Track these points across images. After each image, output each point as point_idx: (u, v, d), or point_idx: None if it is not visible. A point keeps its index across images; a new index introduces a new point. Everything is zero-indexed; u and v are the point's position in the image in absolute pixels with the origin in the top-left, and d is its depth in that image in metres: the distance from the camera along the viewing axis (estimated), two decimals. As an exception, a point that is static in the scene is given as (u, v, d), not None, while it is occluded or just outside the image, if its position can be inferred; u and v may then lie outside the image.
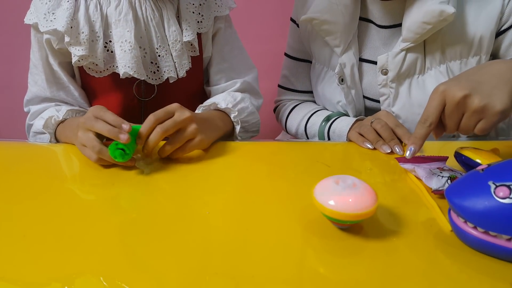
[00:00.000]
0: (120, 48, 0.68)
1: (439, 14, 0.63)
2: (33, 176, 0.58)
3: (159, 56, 0.71)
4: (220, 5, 0.76)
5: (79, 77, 0.75)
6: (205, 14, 0.74)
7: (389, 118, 0.68)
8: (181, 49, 0.71)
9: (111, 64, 0.70)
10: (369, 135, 0.65)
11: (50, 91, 0.73)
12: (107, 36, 0.69)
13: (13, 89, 1.21)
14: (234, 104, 0.73)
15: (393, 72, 0.71)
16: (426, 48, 0.69)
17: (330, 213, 0.44)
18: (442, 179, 0.51)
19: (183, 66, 0.72)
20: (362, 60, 0.76)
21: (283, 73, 0.90)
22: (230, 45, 0.80)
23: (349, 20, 0.71)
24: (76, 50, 0.67)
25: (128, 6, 0.68)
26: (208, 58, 0.79)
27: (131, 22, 0.68)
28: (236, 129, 0.73)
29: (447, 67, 0.70)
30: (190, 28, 0.71)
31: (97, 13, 0.67)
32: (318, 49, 0.79)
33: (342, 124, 0.74)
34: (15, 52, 1.16)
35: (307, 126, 0.82)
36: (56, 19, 0.66)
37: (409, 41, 0.68)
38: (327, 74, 0.80)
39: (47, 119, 0.69)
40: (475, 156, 0.54)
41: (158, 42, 0.70)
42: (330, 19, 0.71)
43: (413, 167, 0.55)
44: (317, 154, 0.68)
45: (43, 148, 0.70)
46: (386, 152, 0.64)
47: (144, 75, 0.70)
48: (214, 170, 0.60)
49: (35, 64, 0.73)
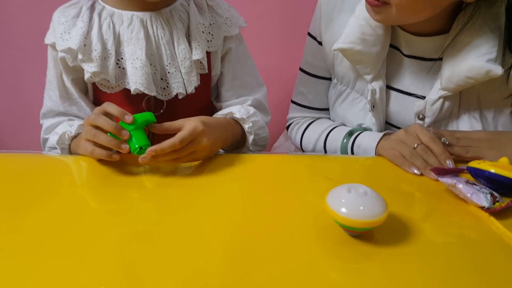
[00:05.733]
0: (132, 65, 0.73)
1: (485, 74, 0.66)
2: (44, 187, 0.62)
3: (169, 73, 0.76)
4: (230, 25, 0.80)
5: (91, 92, 0.81)
6: (215, 33, 0.78)
7: (423, 132, 0.69)
8: (190, 67, 0.76)
9: (122, 80, 0.75)
10: (416, 161, 0.67)
11: (63, 106, 0.80)
12: (119, 54, 0.74)
13: (22, 101, 1.29)
14: (248, 116, 0.78)
15: (430, 118, 0.75)
16: (462, 96, 0.73)
17: (342, 220, 0.46)
18: (488, 196, 0.54)
19: (191, 82, 0.77)
20: (388, 87, 0.80)
21: (299, 89, 0.93)
22: (241, 63, 0.85)
23: (381, 49, 0.76)
24: (89, 67, 0.72)
25: (140, 25, 0.73)
26: (217, 76, 0.84)
27: (143, 40, 0.73)
28: (249, 139, 0.77)
29: (481, 113, 0.74)
30: (200, 47, 0.76)
31: (109, 31, 0.73)
32: (343, 70, 0.83)
33: (368, 138, 0.77)
34: (25, 66, 1.25)
35: (327, 141, 0.85)
36: (71, 38, 0.73)
37: (449, 91, 0.71)
38: (349, 96, 0.84)
39: (61, 135, 0.75)
40: (507, 173, 0.56)
41: (168, 60, 0.75)
42: (363, 50, 0.75)
43: (454, 182, 0.57)
44: (343, 167, 0.71)
45: (55, 160, 0.75)
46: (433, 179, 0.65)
47: (154, 91, 0.75)
48: (221, 182, 0.64)
49: (50, 81, 0.80)
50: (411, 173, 0.66)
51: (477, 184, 0.57)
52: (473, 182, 0.58)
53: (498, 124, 0.74)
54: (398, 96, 0.79)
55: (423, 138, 0.67)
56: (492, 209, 0.53)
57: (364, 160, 0.74)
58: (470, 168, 0.59)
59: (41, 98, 0.82)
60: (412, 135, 0.69)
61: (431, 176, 0.64)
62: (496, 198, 0.54)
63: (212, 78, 0.84)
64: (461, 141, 0.68)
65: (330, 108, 0.90)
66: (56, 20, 0.75)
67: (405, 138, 0.69)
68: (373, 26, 0.73)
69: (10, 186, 0.62)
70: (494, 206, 0.53)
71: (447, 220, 0.54)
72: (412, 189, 0.63)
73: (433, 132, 0.68)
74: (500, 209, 0.53)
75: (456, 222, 0.54)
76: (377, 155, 0.74)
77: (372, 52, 0.75)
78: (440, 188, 0.61)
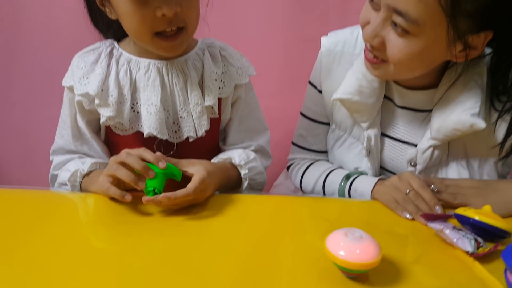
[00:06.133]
0: (147, 110, 0.77)
1: (470, 127, 0.73)
2: (52, 224, 0.66)
3: (181, 117, 0.80)
4: (240, 74, 0.86)
5: (103, 133, 0.86)
6: (227, 81, 0.83)
7: (414, 179, 0.75)
8: (201, 111, 0.80)
9: (136, 123, 0.80)
10: (408, 206, 0.72)
11: (75, 145, 0.84)
12: (134, 99, 0.79)
13: (27, 137, 1.33)
14: (246, 162, 0.82)
15: (422, 165, 0.81)
16: (450, 145, 0.80)
17: (341, 263, 0.52)
18: (472, 242, 0.59)
19: (202, 126, 0.81)
20: (383, 134, 0.87)
21: (299, 132, 1.00)
22: (249, 109, 0.90)
23: (376, 100, 0.83)
24: (105, 111, 0.77)
25: (156, 73, 0.78)
26: (226, 120, 0.89)
27: (158, 87, 0.77)
28: (243, 184, 0.82)
29: (467, 162, 0.81)
30: (212, 94, 0.80)
31: (126, 77, 0.78)
32: (341, 117, 0.90)
33: (364, 182, 0.83)
34: (32, 102, 1.30)
35: (325, 183, 0.90)
36: (89, 83, 0.77)
37: (438, 141, 0.78)
38: (347, 141, 0.91)
39: (73, 172, 0.78)
40: (490, 220, 0.61)
41: (181, 105, 0.80)
42: (360, 101, 0.82)
43: (442, 228, 0.63)
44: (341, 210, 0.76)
45: (64, 197, 0.79)
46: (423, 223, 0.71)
47: (166, 134, 0.80)
48: (223, 222, 0.68)
49: (63, 120, 0.85)
50: (404, 217, 0.72)
51: (463, 229, 0.63)
52: (459, 228, 0.63)
53: (483, 172, 0.80)
54: (392, 144, 0.86)
55: (414, 184, 0.73)
56: (476, 254, 0.59)
57: (361, 203, 0.80)
58: (456, 214, 0.64)
59: (46, 133, 0.86)
60: (405, 181, 0.75)
61: (421, 221, 0.69)
62: (480, 244, 0.59)
63: (222, 122, 0.88)
64: (449, 189, 0.74)
65: (329, 151, 0.96)
66: (75, 65, 0.79)
67: (398, 184, 0.75)
68: (369, 79, 0.81)
69: (17, 222, 0.65)
70: (478, 251, 0.59)
71: (436, 264, 0.59)
72: (405, 232, 0.68)
73: (423, 180, 0.74)
74: (484, 254, 0.59)
75: (444, 265, 0.59)
76: (373, 199, 0.79)
77: (368, 103, 0.82)
78: (431, 232, 0.66)
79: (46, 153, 0.87)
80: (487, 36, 0.67)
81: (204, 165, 0.73)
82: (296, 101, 1.11)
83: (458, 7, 0.62)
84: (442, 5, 0.62)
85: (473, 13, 0.64)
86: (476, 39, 0.67)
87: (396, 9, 0.65)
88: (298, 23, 1.21)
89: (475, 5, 0.63)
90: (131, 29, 0.73)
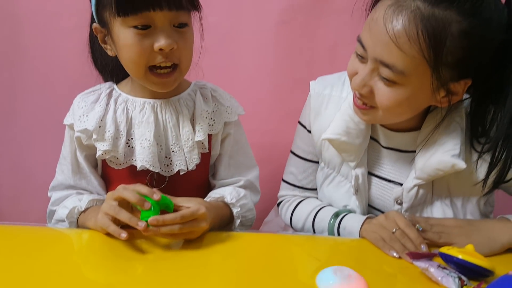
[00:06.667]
0: (140, 145, 0.82)
1: (451, 167, 0.78)
2: (49, 260, 0.67)
3: (173, 151, 0.85)
4: (230, 113, 0.91)
5: (100, 167, 0.89)
6: (217, 119, 0.88)
7: (400, 218, 0.78)
8: (192, 146, 0.85)
9: (130, 157, 0.84)
10: (395, 245, 0.75)
11: (74, 180, 0.87)
12: (130, 134, 0.83)
13: (22, 173, 1.33)
14: (237, 199, 0.86)
15: (407, 203, 0.85)
16: (434, 185, 0.84)
17: None
18: (456, 280, 0.62)
19: (193, 160, 0.85)
20: (370, 173, 0.91)
21: (290, 169, 1.03)
22: (238, 146, 0.95)
23: (363, 141, 0.87)
24: (101, 145, 0.81)
25: (150, 110, 0.83)
26: (216, 155, 0.94)
27: (152, 124, 0.82)
28: (236, 222, 0.85)
29: (451, 201, 0.84)
30: (202, 130, 0.85)
31: (123, 115, 0.83)
32: (329, 156, 0.93)
33: (352, 221, 0.85)
34: (28, 139, 1.32)
35: (315, 221, 0.93)
36: (88, 120, 0.82)
37: (422, 180, 0.82)
38: (335, 179, 0.94)
39: (71, 209, 0.81)
40: (472, 259, 0.64)
41: (173, 140, 0.84)
42: (348, 141, 0.86)
43: (427, 266, 0.65)
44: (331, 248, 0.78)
45: (62, 234, 0.80)
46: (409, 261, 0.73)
47: (158, 168, 0.84)
48: (214, 259, 0.70)
49: (64, 156, 0.88)
50: (391, 255, 0.74)
51: (447, 268, 0.65)
52: (444, 266, 0.65)
53: (466, 211, 0.84)
54: (378, 182, 0.89)
55: (400, 224, 0.76)
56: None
57: (350, 242, 0.82)
58: (441, 253, 0.67)
59: (38, 170, 0.88)
60: (391, 220, 0.78)
61: (408, 259, 0.72)
62: (464, 282, 0.62)
63: (212, 158, 0.93)
64: (434, 228, 0.77)
65: (318, 189, 0.99)
66: (76, 105, 0.85)
67: (385, 223, 0.78)
68: (356, 122, 0.85)
69: (13, 259, 0.66)
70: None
71: (423, 302, 0.61)
72: (393, 271, 0.70)
73: (409, 219, 0.77)
74: (468, 292, 0.61)
75: (430, 303, 0.61)
76: (361, 237, 0.82)
77: (355, 143, 0.86)
78: (417, 271, 0.68)
79: (38, 190, 0.89)
80: (467, 83, 0.73)
81: (199, 201, 0.77)
82: (285, 138, 1.16)
83: (440, 59, 0.68)
84: (426, 57, 0.68)
85: (454, 63, 0.69)
86: (457, 86, 0.73)
87: (383, 62, 0.70)
88: (288, 66, 1.28)
89: (455, 57, 0.68)
90: (129, 61, 0.77)
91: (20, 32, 1.22)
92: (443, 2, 0.66)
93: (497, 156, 0.76)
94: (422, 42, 0.67)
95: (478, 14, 0.67)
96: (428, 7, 0.66)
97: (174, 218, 0.70)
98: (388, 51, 0.69)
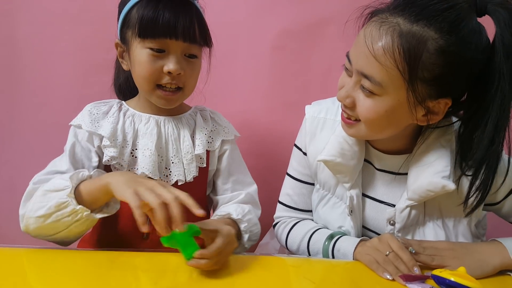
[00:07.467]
0: (142, 154, 0.88)
1: (441, 188, 0.80)
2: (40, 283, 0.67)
3: (173, 163, 0.91)
4: (227, 132, 0.99)
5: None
6: (215, 137, 0.97)
7: (393, 241, 0.80)
8: (191, 159, 0.91)
9: (132, 166, 0.89)
10: (388, 267, 0.76)
11: (67, 167, 0.84)
12: (134, 145, 0.90)
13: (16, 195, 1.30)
14: (243, 215, 0.89)
15: (400, 224, 0.87)
16: (426, 206, 0.86)
17: None
18: None
19: (191, 172, 0.91)
20: (364, 195, 0.93)
21: (285, 191, 1.04)
22: (235, 163, 1.00)
23: (357, 163, 0.90)
24: (109, 151, 0.87)
25: (154, 124, 0.91)
26: (213, 171, 0.99)
27: (155, 135, 0.89)
28: (244, 237, 0.88)
29: (443, 222, 0.86)
30: (201, 145, 0.92)
31: (130, 127, 0.90)
32: (325, 178, 0.95)
33: (346, 243, 0.86)
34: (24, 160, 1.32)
35: (310, 243, 0.94)
36: (101, 127, 0.87)
37: (414, 201, 0.84)
38: (330, 200, 0.96)
39: (75, 173, 0.77)
40: (464, 281, 0.65)
41: (173, 152, 0.91)
42: (343, 162, 0.89)
43: None
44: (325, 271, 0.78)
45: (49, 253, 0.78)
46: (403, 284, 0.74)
47: (158, 176, 0.88)
48: (208, 283, 0.70)
49: (63, 153, 0.87)
50: (384, 278, 0.75)
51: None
52: (434, 287, 0.66)
53: (458, 232, 0.85)
54: (372, 204, 0.91)
55: (393, 246, 0.77)
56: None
57: (344, 264, 0.83)
58: (434, 275, 0.68)
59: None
60: (384, 243, 0.79)
61: (401, 281, 0.73)
62: (457, 304, 0.63)
63: (209, 173, 0.98)
64: (427, 250, 0.79)
65: (313, 210, 1.01)
66: (88, 110, 0.89)
67: (378, 246, 0.79)
68: (350, 143, 0.87)
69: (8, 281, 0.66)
70: (454, 311, 0.62)
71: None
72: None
73: (402, 241, 0.78)
74: (460, 314, 0.62)
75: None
76: (355, 259, 0.83)
77: (350, 165, 0.88)
78: (411, 293, 0.69)
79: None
80: (447, 103, 0.75)
81: (218, 221, 0.80)
82: (279, 161, 1.19)
83: (415, 73, 0.71)
84: (400, 70, 0.71)
85: (431, 80, 0.71)
86: (436, 105, 0.75)
87: (363, 73, 0.74)
88: (282, 91, 1.30)
89: (432, 73, 0.71)
90: (140, 77, 0.85)
91: (18, 56, 1.24)
92: (423, 19, 0.69)
93: (477, 176, 0.77)
94: (397, 55, 0.70)
95: (456, 32, 0.69)
96: (407, 24, 0.70)
97: (219, 246, 0.71)
98: (367, 63, 0.73)
